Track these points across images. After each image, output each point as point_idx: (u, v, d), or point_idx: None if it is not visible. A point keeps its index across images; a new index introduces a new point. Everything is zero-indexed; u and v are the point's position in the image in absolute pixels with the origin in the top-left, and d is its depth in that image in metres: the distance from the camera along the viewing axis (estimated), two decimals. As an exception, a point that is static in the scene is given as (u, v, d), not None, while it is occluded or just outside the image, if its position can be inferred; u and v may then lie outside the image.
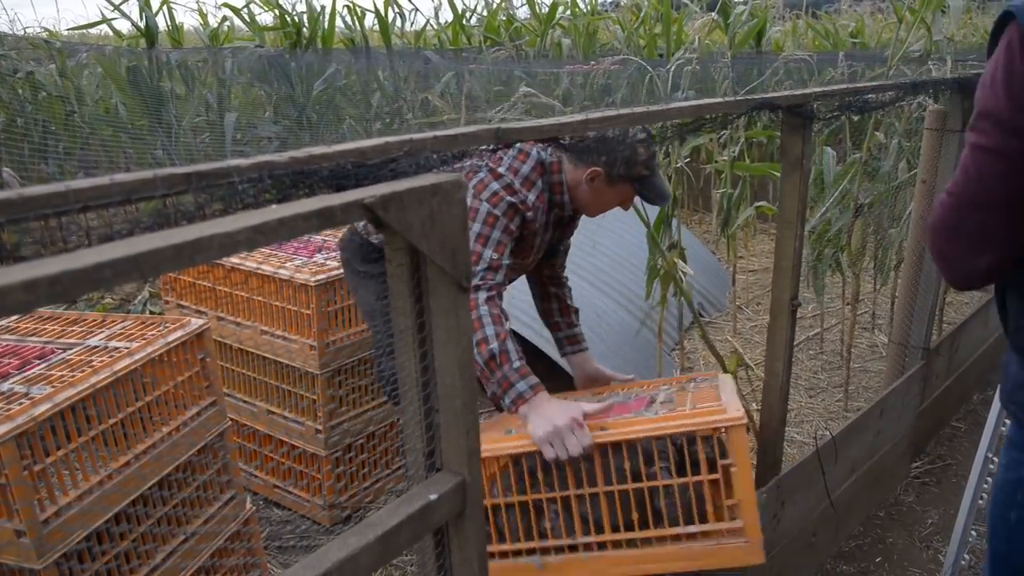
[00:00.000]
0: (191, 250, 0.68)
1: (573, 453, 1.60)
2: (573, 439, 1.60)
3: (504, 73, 6.18)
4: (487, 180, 1.93)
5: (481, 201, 1.90)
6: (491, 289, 1.85)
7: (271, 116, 5.82)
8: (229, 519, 1.99)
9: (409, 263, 0.98)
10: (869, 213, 3.44)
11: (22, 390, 1.58)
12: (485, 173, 1.94)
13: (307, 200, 0.82)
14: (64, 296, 0.61)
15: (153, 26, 5.73)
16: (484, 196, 1.91)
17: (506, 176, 1.94)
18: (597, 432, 1.60)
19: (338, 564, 0.89)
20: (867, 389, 3.63)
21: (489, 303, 1.82)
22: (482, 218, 1.90)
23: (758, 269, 5.43)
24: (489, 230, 1.90)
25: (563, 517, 1.64)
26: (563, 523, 1.64)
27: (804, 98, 1.74)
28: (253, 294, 2.60)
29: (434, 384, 1.04)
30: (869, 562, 2.57)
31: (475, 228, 1.89)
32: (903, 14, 3.36)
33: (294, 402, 2.61)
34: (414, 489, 1.05)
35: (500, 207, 1.91)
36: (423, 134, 0.96)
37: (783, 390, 2.01)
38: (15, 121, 5.13)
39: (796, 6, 9.53)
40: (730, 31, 4.91)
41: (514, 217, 1.94)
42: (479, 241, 1.89)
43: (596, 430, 1.61)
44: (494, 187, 1.92)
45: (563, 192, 2.02)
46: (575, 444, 1.59)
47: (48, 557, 1.47)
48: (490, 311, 1.80)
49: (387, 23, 6.88)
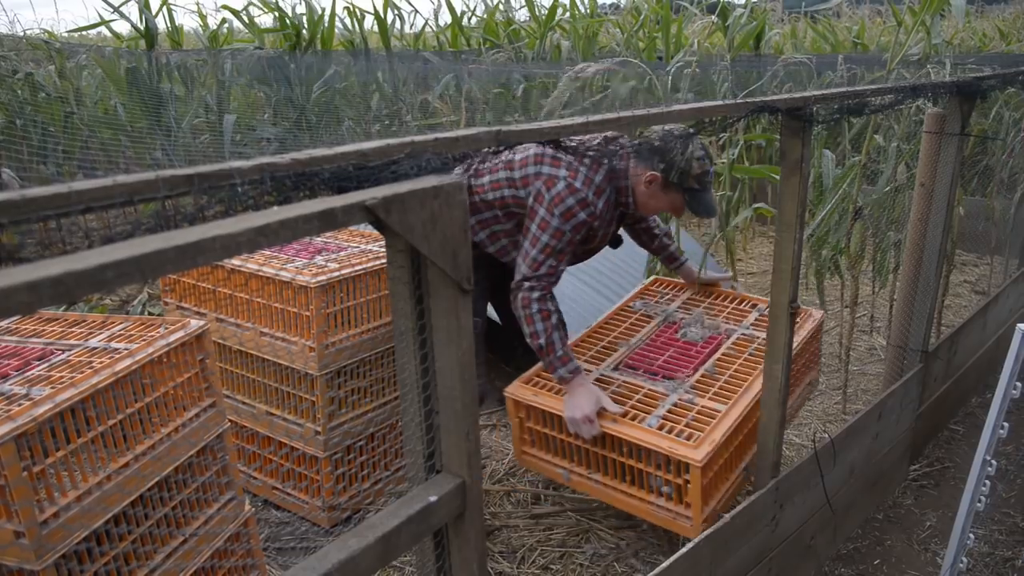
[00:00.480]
0: (194, 251, 0.68)
1: (585, 437, 2.21)
2: (586, 428, 2.18)
3: (503, 75, 6.18)
4: (564, 194, 2.16)
5: (554, 215, 2.16)
6: (544, 289, 2.23)
7: (270, 118, 5.82)
8: (228, 520, 1.99)
9: (410, 265, 0.98)
10: (868, 216, 3.45)
11: (22, 391, 1.58)
12: (563, 186, 2.17)
13: (309, 202, 0.82)
14: (67, 297, 0.61)
15: (153, 28, 5.73)
16: (558, 211, 2.16)
17: (582, 190, 2.16)
18: (608, 424, 2.18)
19: (338, 565, 0.89)
20: (866, 392, 3.63)
21: (540, 301, 2.22)
22: (552, 231, 2.17)
23: (757, 272, 5.44)
24: (556, 243, 2.19)
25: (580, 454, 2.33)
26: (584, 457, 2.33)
27: (803, 101, 1.75)
28: (253, 296, 2.60)
29: (434, 386, 1.04)
30: (867, 564, 2.57)
31: (543, 239, 2.17)
32: (902, 17, 3.37)
33: (293, 404, 2.61)
34: (414, 491, 1.06)
35: (571, 223, 2.17)
36: (424, 136, 0.97)
37: (782, 393, 2.02)
38: (14, 122, 5.13)
39: (795, 8, 9.55)
40: (729, 34, 4.92)
41: (581, 230, 2.21)
42: (545, 251, 2.19)
43: (609, 421, 2.18)
44: (569, 202, 2.15)
45: (628, 194, 2.27)
46: (587, 432, 2.19)
47: (47, 558, 1.47)
48: (540, 308, 2.22)
49: (386, 25, 6.89)
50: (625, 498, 2.26)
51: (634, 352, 2.54)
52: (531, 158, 2.26)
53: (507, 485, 2.90)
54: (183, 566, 1.82)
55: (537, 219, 2.20)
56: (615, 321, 2.75)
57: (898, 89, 2.20)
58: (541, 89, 5.99)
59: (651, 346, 2.58)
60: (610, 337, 2.64)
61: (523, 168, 2.26)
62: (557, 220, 2.17)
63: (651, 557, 2.49)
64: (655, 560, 2.46)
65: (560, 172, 2.18)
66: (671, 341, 2.59)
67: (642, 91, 4.65)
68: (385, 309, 2.68)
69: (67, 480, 1.54)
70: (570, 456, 2.37)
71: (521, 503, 2.79)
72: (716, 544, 1.92)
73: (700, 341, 2.57)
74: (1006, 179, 4.42)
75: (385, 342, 2.69)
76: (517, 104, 5.96)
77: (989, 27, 9.06)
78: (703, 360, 2.45)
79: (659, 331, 2.67)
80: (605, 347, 2.58)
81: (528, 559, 2.50)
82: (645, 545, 2.54)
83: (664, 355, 2.50)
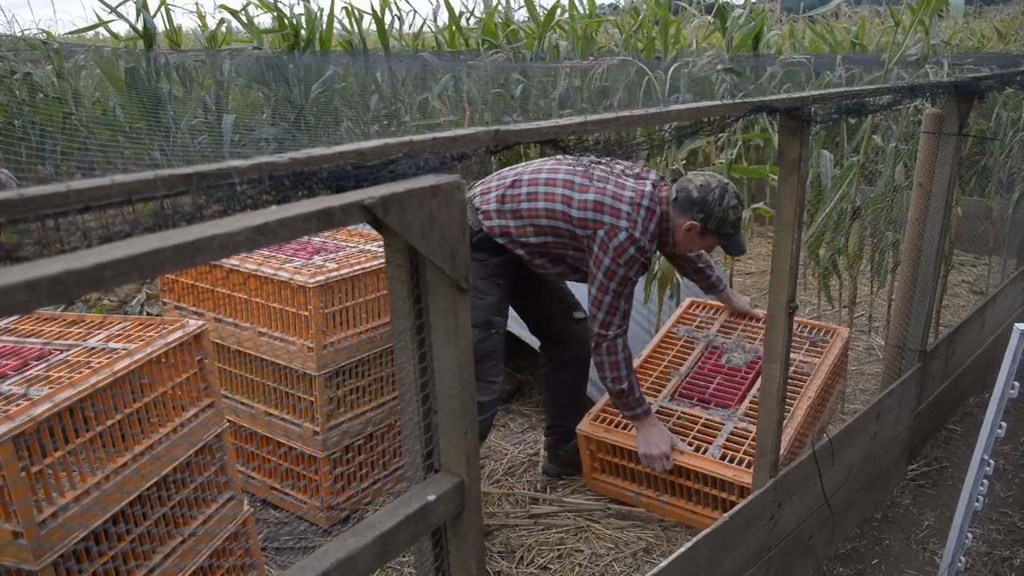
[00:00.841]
0: (192, 250, 0.68)
1: (658, 471, 2.53)
2: (660, 464, 2.50)
3: (502, 75, 6.18)
4: (626, 245, 2.37)
5: (620, 265, 2.38)
6: (624, 333, 2.47)
7: (269, 118, 5.81)
8: (227, 520, 1.99)
9: (408, 264, 0.98)
10: (866, 216, 3.45)
11: (21, 391, 1.58)
12: (626, 236, 2.37)
13: (307, 201, 0.82)
14: (65, 296, 0.61)
15: (151, 28, 5.73)
16: (623, 260, 2.38)
17: (641, 240, 2.38)
18: (677, 456, 2.50)
19: (337, 564, 0.89)
20: (864, 392, 3.63)
21: (624, 349, 2.47)
22: (619, 279, 2.39)
23: (755, 272, 5.44)
24: (623, 289, 2.41)
25: (649, 479, 2.64)
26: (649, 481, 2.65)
27: (801, 101, 1.75)
28: (252, 296, 2.60)
29: (432, 385, 1.04)
30: (866, 564, 2.58)
31: (612, 287, 2.39)
32: (900, 17, 3.37)
33: (292, 403, 2.61)
34: (412, 490, 1.06)
35: (634, 268, 2.40)
36: (422, 135, 0.97)
37: (780, 392, 2.02)
38: (12, 123, 5.12)
39: (794, 10, 9.56)
40: (727, 34, 4.92)
41: (641, 272, 2.46)
42: (616, 297, 2.41)
43: (676, 453, 2.50)
44: (631, 252, 2.37)
45: (670, 235, 2.48)
46: (661, 467, 2.51)
47: (46, 558, 1.47)
48: (625, 357, 2.47)
49: (384, 25, 6.89)
50: (694, 516, 2.57)
51: (685, 381, 2.83)
52: (590, 203, 2.41)
53: (505, 486, 2.90)
54: (182, 566, 1.82)
55: (603, 268, 2.40)
56: (663, 349, 3.02)
57: (896, 89, 2.21)
58: (540, 89, 6.00)
59: (699, 374, 2.86)
60: (662, 366, 2.92)
61: (582, 211, 2.42)
62: (623, 269, 2.39)
63: (650, 557, 2.49)
64: (654, 560, 2.46)
65: (621, 223, 2.38)
66: (717, 368, 2.87)
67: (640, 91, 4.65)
68: (383, 309, 2.68)
69: (65, 480, 1.54)
70: (639, 481, 2.68)
71: (520, 503, 2.79)
72: (715, 543, 1.92)
73: (743, 366, 2.85)
74: (1004, 179, 4.42)
75: (383, 342, 2.69)
76: (516, 104, 5.96)
77: (987, 27, 9.07)
78: (749, 386, 2.75)
79: (704, 358, 2.94)
80: (659, 376, 2.87)
81: (527, 559, 2.50)
82: (644, 545, 2.54)
83: (713, 383, 2.79)
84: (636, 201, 2.39)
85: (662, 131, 1.66)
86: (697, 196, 2.41)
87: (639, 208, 2.39)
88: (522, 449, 3.15)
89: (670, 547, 2.52)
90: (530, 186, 2.46)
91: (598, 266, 2.41)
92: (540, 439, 3.19)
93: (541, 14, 7.10)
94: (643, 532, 2.60)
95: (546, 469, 2.96)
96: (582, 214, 2.41)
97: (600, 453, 2.71)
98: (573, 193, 2.43)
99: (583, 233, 2.42)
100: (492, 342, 2.48)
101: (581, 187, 2.43)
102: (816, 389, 2.71)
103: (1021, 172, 4.36)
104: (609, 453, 2.69)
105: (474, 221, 2.48)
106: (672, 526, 2.63)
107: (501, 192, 2.47)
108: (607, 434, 2.64)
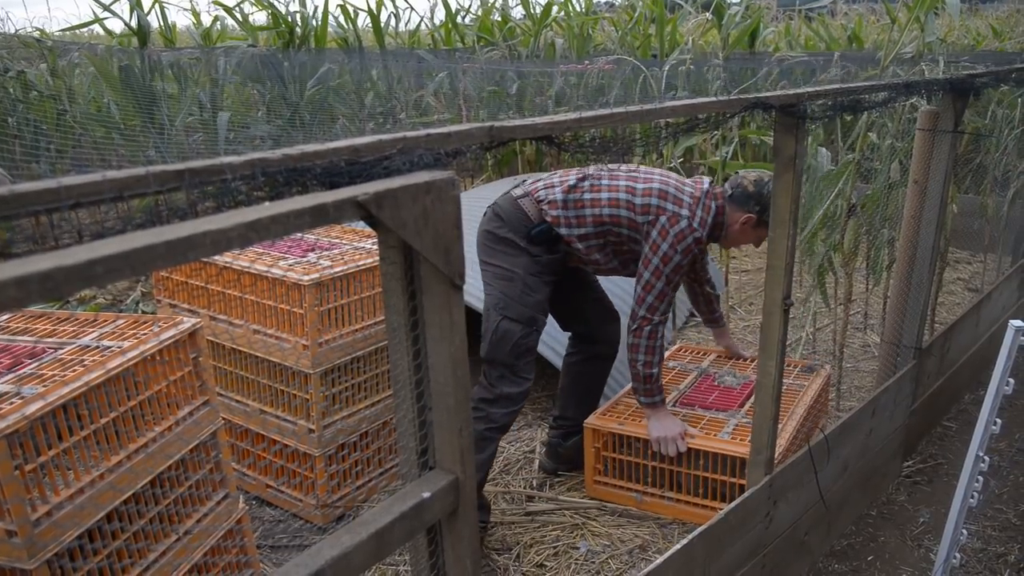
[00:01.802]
0: (184, 247, 0.67)
1: (671, 454, 2.57)
2: (673, 445, 2.55)
3: (497, 73, 6.17)
4: (687, 232, 2.44)
5: (677, 252, 2.44)
6: (665, 321, 2.54)
7: (264, 115, 5.80)
8: (222, 518, 1.98)
9: (402, 261, 0.98)
10: (862, 213, 3.45)
11: (13, 389, 1.57)
12: (686, 224, 2.44)
13: (300, 197, 0.82)
14: (56, 293, 0.61)
15: (145, 25, 5.71)
16: (680, 248, 2.44)
17: (699, 231, 2.46)
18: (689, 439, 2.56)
19: (331, 562, 0.89)
20: (859, 389, 3.64)
21: (663, 337, 2.53)
22: (674, 265, 2.45)
23: (751, 269, 5.44)
24: (675, 276, 2.47)
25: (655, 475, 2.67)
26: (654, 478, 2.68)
27: (797, 98, 1.75)
28: (245, 293, 2.59)
29: (427, 382, 1.04)
30: (861, 561, 2.58)
31: (667, 272, 2.45)
32: (896, 15, 3.38)
33: (287, 401, 2.60)
34: (407, 487, 1.06)
35: (688, 258, 2.47)
36: (416, 132, 0.96)
37: (776, 388, 2.02)
38: (6, 120, 5.10)
39: (790, 6, 9.56)
40: (724, 31, 4.93)
41: (692, 261, 2.54)
42: (669, 284, 2.46)
43: (688, 438, 2.56)
44: (689, 241, 2.44)
45: (723, 229, 2.56)
46: (673, 449, 2.56)
47: (40, 556, 1.46)
48: (661, 344, 2.53)
49: (379, 22, 6.88)
50: (697, 510, 2.60)
51: (684, 396, 2.89)
52: (655, 191, 2.48)
53: (501, 483, 2.90)
54: (176, 563, 1.81)
55: (660, 253, 2.46)
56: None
57: (892, 86, 2.21)
58: (536, 87, 6.00)
59: (697, 390, 2.94)
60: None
61: (646, 197, 2.48)
62: (679, 256, 2.45)
63: (646, 554, 2.49)
64: (650, 557, 2.46)
65: (683, 212, 2.46)
66: (713, 387, 2.96)
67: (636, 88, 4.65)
68: (378, 306, 2.67)
69: (59, 478, 1.53)
70: (643, 480, 2.71)
71: (516, 500, 2.79)
72: (710, 540, 1.92)
73: (737, 387, 2.94)
74: (999, 177, 4.43)
75: (378, 339, 2.68)
76: (511, 102, 5.96)
77: (983, 25, 9.09)
78: (746, 398, 2.83)
79: (699, 381, 3.02)
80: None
81: (523, 556, 2.50)
82: (640, 542, 2.54)
83: (712, 396, 2.88)
84: (696, 195, 2.50)
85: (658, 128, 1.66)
86: (753, 190, 2.51)
87: (699, 201, 2.49)
88: (518, 447, 3.15)
89: (666, 544, 2.52)
90: (594, 179, 2.53)
91: (655, 251, 2.46)
92: (536, 437, 3.19)
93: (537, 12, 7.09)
94: (639, 529, 2.61)
95: (543, 465, 2.96)
96: (645, 200, 2.48)
97: (606, 451, 2.72)
98: (637, 184, 2.51)
99: (643, 219, 2.47)
100: (532, 339, 2.49)
101: (645, 178, 2.52)
102: (811, 397, 2.80)
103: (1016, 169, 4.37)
104: (616, 450, 2.70)
105: (535, 213, 2.51)
106: (668, 524, 2.63)
107: (566, 186, 2.52)
108: (620, 426, 2.67)
